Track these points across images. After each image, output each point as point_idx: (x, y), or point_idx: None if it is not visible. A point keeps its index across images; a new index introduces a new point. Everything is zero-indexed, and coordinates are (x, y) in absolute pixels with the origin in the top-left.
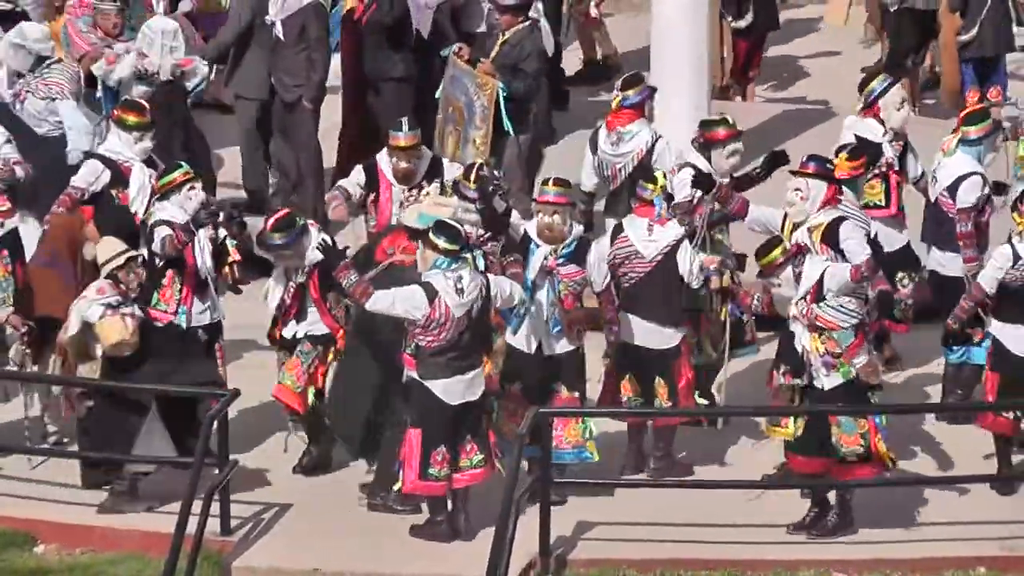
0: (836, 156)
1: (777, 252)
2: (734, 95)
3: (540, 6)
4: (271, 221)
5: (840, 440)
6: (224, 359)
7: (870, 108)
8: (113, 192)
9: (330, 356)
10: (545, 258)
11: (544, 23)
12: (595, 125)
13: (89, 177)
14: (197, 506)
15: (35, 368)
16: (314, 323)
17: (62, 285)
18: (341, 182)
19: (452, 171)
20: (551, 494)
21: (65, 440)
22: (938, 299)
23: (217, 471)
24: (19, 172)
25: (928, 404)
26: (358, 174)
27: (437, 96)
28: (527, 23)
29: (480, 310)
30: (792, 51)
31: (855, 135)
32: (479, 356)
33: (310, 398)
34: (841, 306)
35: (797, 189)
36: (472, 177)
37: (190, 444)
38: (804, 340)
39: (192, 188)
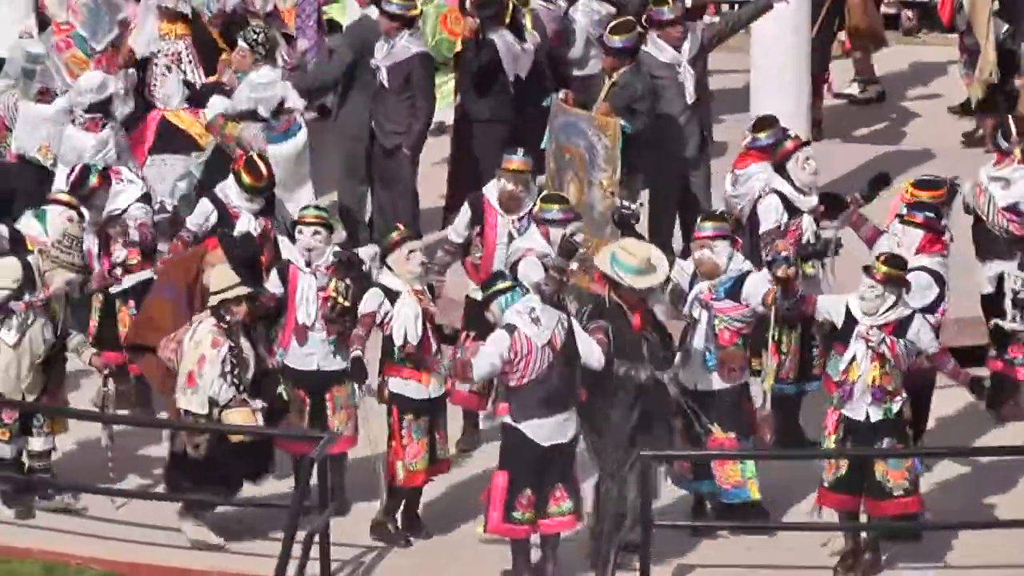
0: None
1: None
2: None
3: (686, 50)
4: None
5: (887, 475)
6: (335, 408)
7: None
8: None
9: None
10: (700, 291)
11: (687, 68)
12: None
13: (199, 219)
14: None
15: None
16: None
17: (175, 318)
18: (449, 236)
19: None
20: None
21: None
22: None
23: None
24: (134, 235)
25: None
26: (464, 214)
27: (543, 147)
28: (632, 64)
29: (568, 347)
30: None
31: None
32: (572, 399)
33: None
34: (910, 351)
35: (895, 234)
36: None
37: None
38: (864, 365)
39: (300, 232)
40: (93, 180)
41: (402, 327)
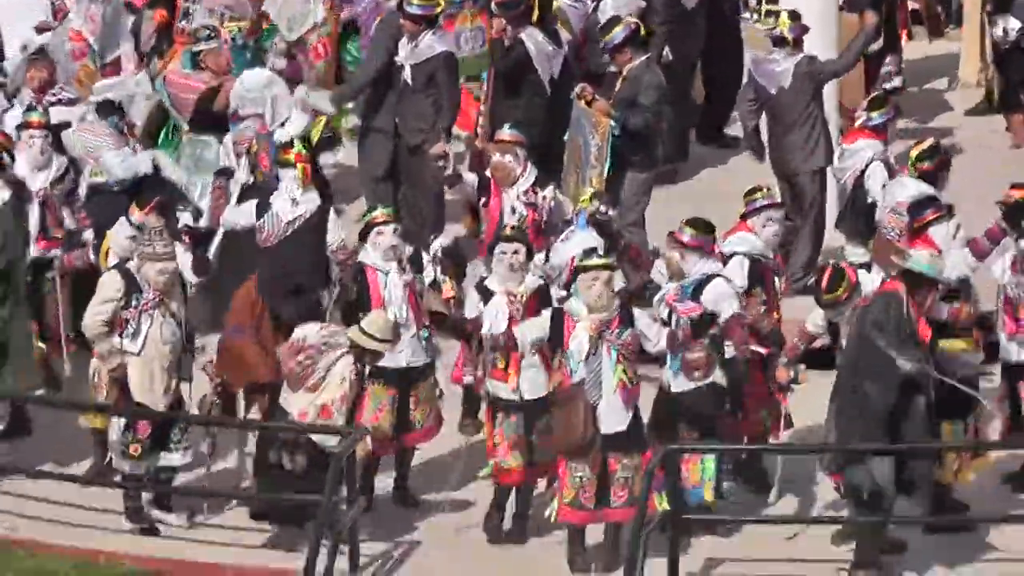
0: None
1: (841, 290)
2: None
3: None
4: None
5: None
6: (418, 402)
7: None
8: None
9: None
10: (667, 291)
11: None
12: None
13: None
14: None
15: None
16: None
17: (255, 352)
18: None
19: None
20: (680, 530)
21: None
22: None
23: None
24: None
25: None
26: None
27: (565, 139)
28: (643, 59)
29: None
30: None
31: None
32: None
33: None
34: None
35: None
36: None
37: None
38: None
39: (380, 233)
40: None
41: (489, 322)
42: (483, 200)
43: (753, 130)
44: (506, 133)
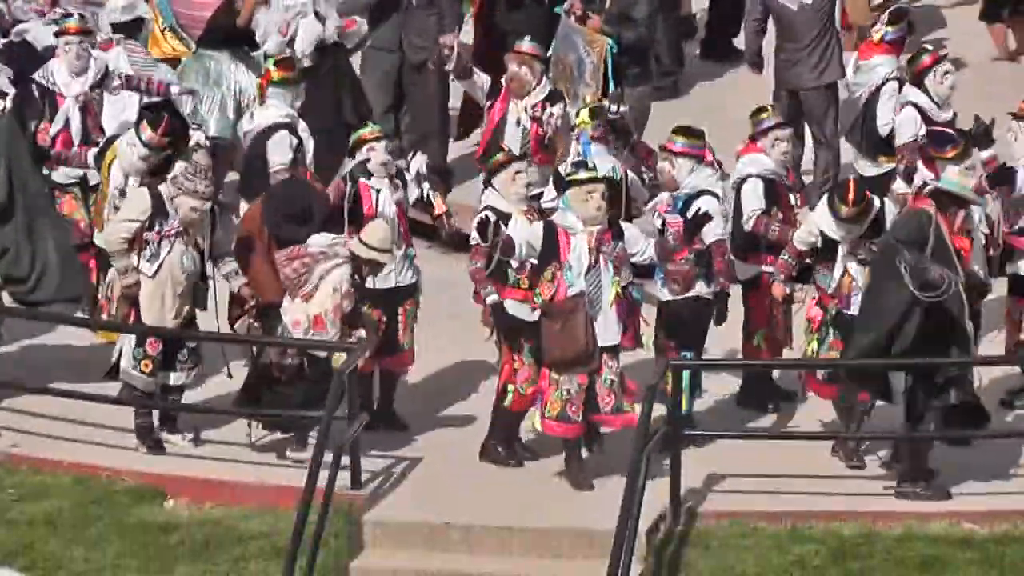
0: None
1: (864, 204)
2: None
3: None
4: None
5: None
6: (406, 323)
7: None
8: None
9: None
10: (659, 201)
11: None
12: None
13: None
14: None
15: None
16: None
17: (263, 270)
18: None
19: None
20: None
21: None
22: None
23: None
24: None
25: None
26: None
27: (549, 54)
28: None
29: None
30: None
31: None
32: None
33: None
34: None
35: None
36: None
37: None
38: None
39: (372, 149)
40: None
41: (521, 247)
42: (489, 104)
43: (756, 47)
44: (526, 45)
